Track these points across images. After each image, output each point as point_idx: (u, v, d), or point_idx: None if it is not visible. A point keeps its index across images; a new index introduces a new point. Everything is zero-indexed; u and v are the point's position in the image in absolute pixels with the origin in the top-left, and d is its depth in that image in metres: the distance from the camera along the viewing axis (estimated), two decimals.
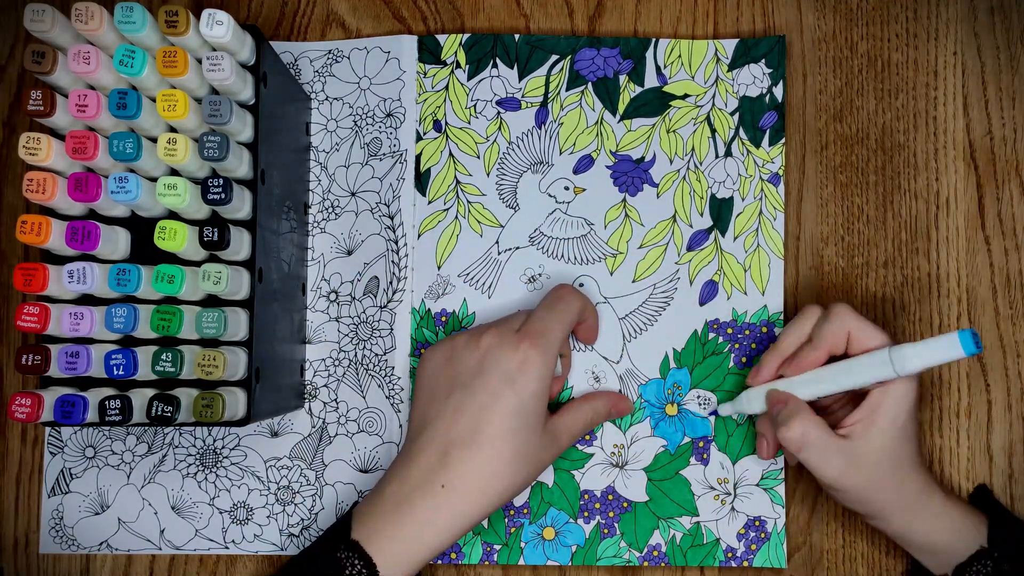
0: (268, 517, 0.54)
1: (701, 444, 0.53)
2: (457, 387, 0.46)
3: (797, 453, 0.46)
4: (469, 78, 0.56)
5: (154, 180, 0.45)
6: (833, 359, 0.48)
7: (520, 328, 0.47)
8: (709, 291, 0.54)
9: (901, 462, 0.46)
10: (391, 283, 0.54)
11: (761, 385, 0.50)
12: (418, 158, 0.55)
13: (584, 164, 0.55)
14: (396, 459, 0.47)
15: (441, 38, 0.56)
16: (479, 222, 0.55)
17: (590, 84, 0.55)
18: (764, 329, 0.54)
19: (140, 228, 0.46)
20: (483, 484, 0.44)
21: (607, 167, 0.55)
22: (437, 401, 0.47)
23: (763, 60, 0.55)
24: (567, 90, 0.55)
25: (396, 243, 0.55)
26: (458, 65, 0.56)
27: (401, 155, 0.55)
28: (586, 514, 0.53)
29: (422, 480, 0.45)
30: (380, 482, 0.47)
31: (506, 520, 0.53)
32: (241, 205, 0.46)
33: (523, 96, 0.55)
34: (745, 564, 0.53)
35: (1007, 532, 0.47)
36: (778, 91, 0.55)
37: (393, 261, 0.55)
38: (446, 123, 0.55)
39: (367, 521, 0.45)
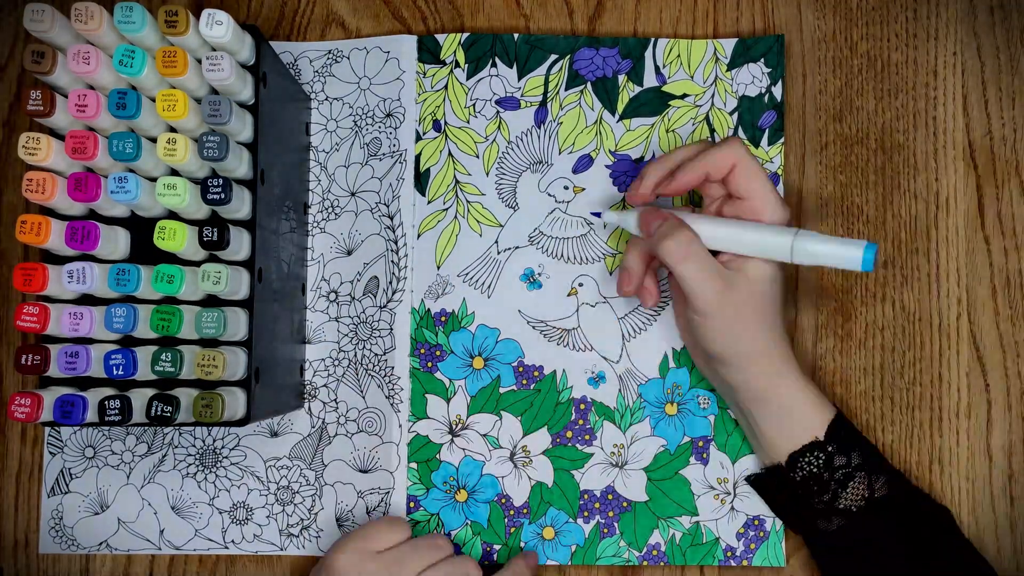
0: (268, 517, 0.54)
1: (701, 444, 0.53)
2: None
3: (678, 264, 0.45)
4: (468, 77, 0.56)
5: (154, 180, 0.45)
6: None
7: None
8: None
9: (768, 314, 0.46)
10: (391, 283, 0.54)
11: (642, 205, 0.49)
12: (418, 158, 0.55)
13: (583, 163, 0.55)
14: None
15: (440, 38, 0.56)
16: (478, 222, 0.55)
17: (589, 84, 0.55)
18: None
19: (140, 228, 0.46)
20: None
21: (606, 166, 0.55)
22: None
23: (762, 59, 0.55)
24: (566, 89, 0.55)
25: (396, 243, 0.55)
26: (457, 64, 0.56)
27: (401, 155, 0.55)
28: (586, 514, 0.53)
29: None
30: None
31: (506, 520, 0.53)
32: (241, 205, 0.46)
33: (522, 95, 0.55)
34: (744, 563, 0.53)
35: (845, 430, 0.47)
36: (777, 90, 0.55)
37: (393, 261, 0.55)
38: (445, 123, 0.55)
39: None
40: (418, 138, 0.55)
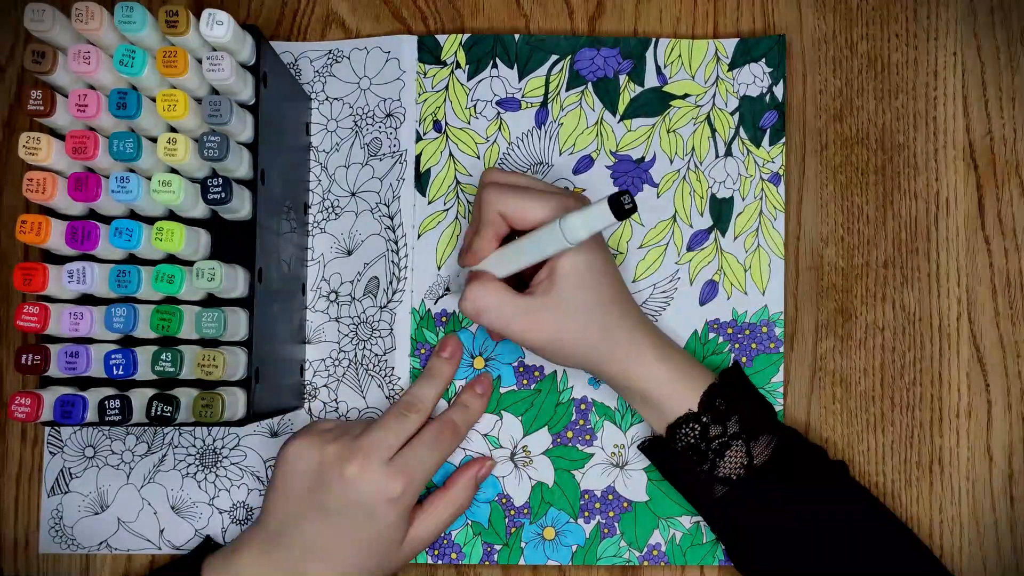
0: None
1: None
2: (319, 506, 0.47)
3: (477, 321, 0.47)
4: (469, 78, 0.56)
5: None
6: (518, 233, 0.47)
7: (393, 460, 0.48)
8: (709, 291, 0.54)
9: (595, 310, 0.46)
10: (391, 283, 0.54)
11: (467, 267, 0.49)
12: (418, 158, 0.55)
13: (584, 164, 0.55)
14: (254, 538, 0.48)
15: (441, 38, 0.56)
16: None
17: (590, 84, 0.55)
18: (764, 329, 0.54)
19: None
20: None
21: (607, 167, 0.55)
22: (302, 505, 0.47)
23: (763, 60, 0.55)
24: (567, 90, 0.55)
25: (396, 243, 0.55)
26: (458, 65, 0.56)
27: (401, 155, 0.55)
28: (586, 514, 0.53)
29: (277, 570, 0.47)
30: (236, 551, 0.48)
31: (506, 520, 0.53)
32: (241, 205, 0.46)
33: (523, 96, 0.55)
34: None
35: (723, 395, 0.47)
36: (778, 91, 0.55)
37: (393, 261, 0.55)
38: (446, 123, 0.55)
39: None
40: (418, 138, 0.55)
